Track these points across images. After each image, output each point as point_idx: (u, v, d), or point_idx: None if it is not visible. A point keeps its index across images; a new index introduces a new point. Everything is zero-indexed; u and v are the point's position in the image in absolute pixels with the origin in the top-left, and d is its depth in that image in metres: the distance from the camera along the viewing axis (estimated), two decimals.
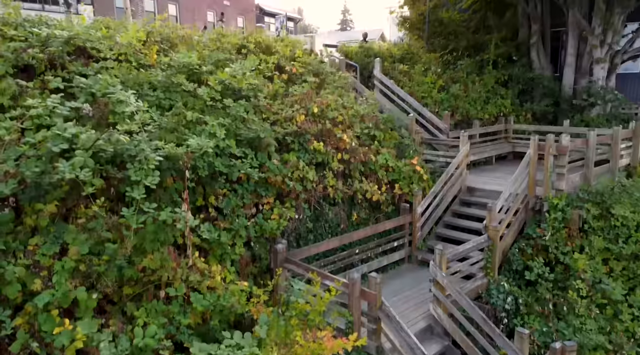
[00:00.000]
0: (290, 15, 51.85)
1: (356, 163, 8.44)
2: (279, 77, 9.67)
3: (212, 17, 38.30)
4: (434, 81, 13.17)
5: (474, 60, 14.28)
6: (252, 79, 7.94)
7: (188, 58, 7.39)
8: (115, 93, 5.67)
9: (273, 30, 46.74)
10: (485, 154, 12.16)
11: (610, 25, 12.87)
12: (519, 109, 13.90)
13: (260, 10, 45.25)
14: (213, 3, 37.91)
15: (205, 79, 7.60)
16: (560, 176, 8.58)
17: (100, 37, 6.63)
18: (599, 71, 13.51)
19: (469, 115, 12.98)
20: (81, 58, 6.86)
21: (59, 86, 5.70)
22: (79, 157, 4.64)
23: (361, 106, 9.38)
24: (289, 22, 50.60)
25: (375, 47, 13.92)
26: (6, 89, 5.54)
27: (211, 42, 8.83)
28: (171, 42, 8.82)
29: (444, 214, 9.41)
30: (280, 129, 7.90)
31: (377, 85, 12.78)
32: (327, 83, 9.97)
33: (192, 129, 6.59)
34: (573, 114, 13.78)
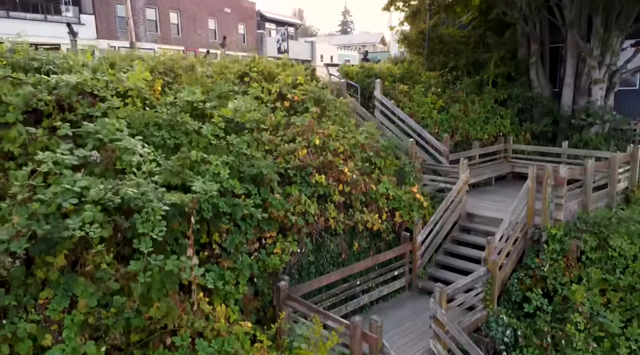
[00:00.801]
0: (290, 21, 52.06)
1: (357, 194, 8.57)
2: (281, 104, 9.83)
3: (213, 25, 38.53)
4: (434, 101, 13.30)
5: (473, 80, 14.40)
6: (255, 112, 8.08)
7: (192, 95, 7.53)
8: (122, 139, 5.81)
9: (274, 36, 46.94)
10: (485, 175, 12.28)
11: (608, 47, 12.99)
12: (518, 128, 14.02)
13: (260, 16, 45.45)
14: (214, 11, 38.11)
15: (209, 113, 7.74)
16: (558, 206, 8.70)
17: (107, 80, 6.75)
18: (597, 91, 13.63)
19: (468, 135, 13.12)
20: (88, 97, 6.99)
21: (67, 133, 5.82)
22: (88, 212, 4.77)
23: (362, 135, 9.50)
24: (290, 27, 50.78)
25: (375, 67, 14.05)
26: (16, 137, 5.67)
27: (215, 74, 8.94)
28: (175, 73, 8.96)
29: (443, 241, 9.54)
30: (283, 161, 8.04)
31: (378, 106, 12.92)
32: (328, 110, 10.09)
33: (197, 168, 6.72)
34: (572, 133, 13.90)
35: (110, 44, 30.46)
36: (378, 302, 8.52)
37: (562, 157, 12.71)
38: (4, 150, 5.71)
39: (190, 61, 9.17)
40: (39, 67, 7.04)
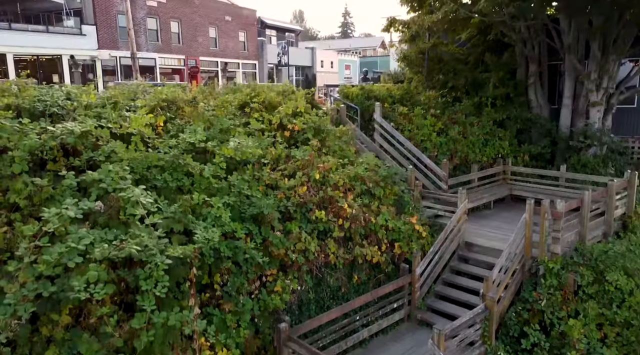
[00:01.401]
0: (291, 27, 52.19)
1: (357, 227, 8.67)
2: (282, 134, 9.95)
3: (213, 33, 38.62)
4: (433, 124, 13.41)
5: (472, 101, 14.50)
6: (255, 147, 8.19)
7: (193, 135, 7.64)
8: (125, 189, 5.92)
9: (274, 42, 47.07)
10: (484, 199, 12.38)
11: (605, 71, 13.10)
12: (516, 150, 14.12)
13: (261, 23, 45.55)
14: (215, 19, 38.20)
15: (211, 151, 7.85)
16: (555, 240, 8.80)
17: (111, 128, 6.85)
18: (595, 114, 13.74)
19: (467, 158, 13.22)
20: (92, 138, 7.10)
21: (72, 183, 5.92)
22: (92, 271, 4.87)
23: (361, 166, 9.60)
24: (290, 33, 50.92)
25: (375, 89, 14.15)
26: (22, 189, 5.78)
27: (217, 108, 9.04)
28: (177, 105, 9.08)
29: (442, 271, 9.63)
30: (283, 196, 8.14)
31: (378, 129, 13.05)
32: (328, 140, 10.20)
33: (199, 210, 6.83)
34: (570, 154, 14.00)
35: (111, 53, 30.66)
36: (377, 335, 8.62)
37: (560, 180, 12.81)
38: (10, 202, 5.83)
39: (192, 95, 9.25)
40: (43, 110, 7.17)
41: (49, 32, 28.27)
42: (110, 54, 30.49)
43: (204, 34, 37.05)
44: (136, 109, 8.03)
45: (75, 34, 29.29)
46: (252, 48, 42.23)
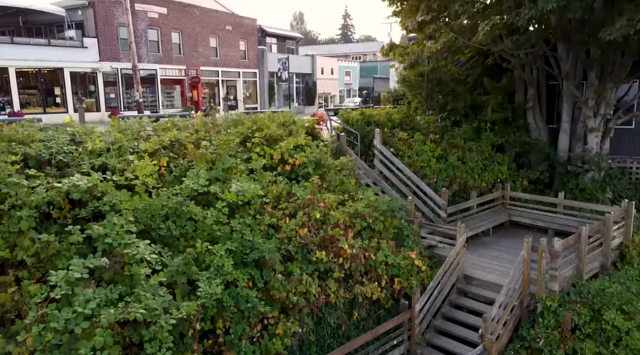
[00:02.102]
0: (291, 34, 52.32)
1: (357, 265, 8.79)
2: (283, 168, 10.09)
3: (214, 43, 38.75)
4: (432, 150, 13.53)
5: (471, 126, 14.62)
6: (256, 187, 8.32)
7: (196, 180, 7.77)
8: (130, 245, 6.05)
9: (274, 51, 47.22)
10: (483, 227, 12.50)
11: (603, 98, 13.21)
12: (515, 174, 14.24)
13: (261, 31, 45.69)
14: (216, 29, 38.35)
15: (213, 193, 7.98)
16: (553, 277, 8.91)
17: (116, 180, 6.97)
18: (593, 139, 13.86)
19: (466, 184, 13.34)
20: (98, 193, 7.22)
21: (78, 239, 6.05)
22: (99, 337, 5.00)
23: (361, 202, 9.72)
24: (290, 41, 51.06)
25: (375, 113, 14.26)
26: (29, 247, 5.91)
27: (220, 147, 9.15)
28: (180, 143, 9.21)
29: (442, 305, 9.75)
30: (284, 237, 8.26)
31: (378, 155, 13.18)
32: (329, 174, 10.32)
33: (202, 259, 6.96)
34: (568, 178, 14.11)
35: (112, 65, 30.78)
36: None
37: (559, 207, 12.92)
38: (17, 259, 5.95)
39: (195, 128, 9.37)
40: (49, 159, 7.30)
41: (50, 45, 28.42)
42: (112, 66, 30.63)
43: (204, 44, 37.20)
44: (140, 152, 8.16)
45: (77, 46, 29.42)
46: (252, 57, 42.38)
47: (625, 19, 9.39)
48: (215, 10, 38.58)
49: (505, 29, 11.36)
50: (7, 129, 7.83)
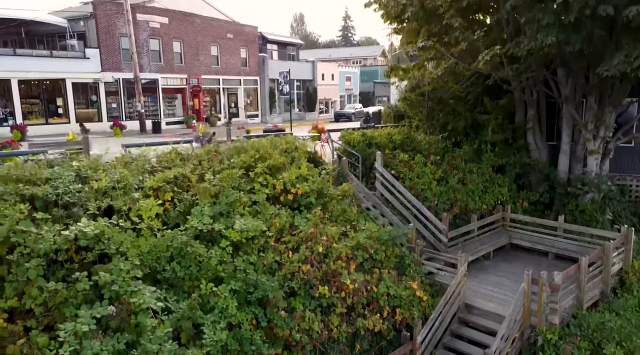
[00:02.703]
0: (291, 41, 52.45)
1: (359, 298, 8.89)
2: (285, 197, 10.19)
3: (215, 51, 38.85)
4: (433, 172, 13.63)
5: (472, 148, 14.71)
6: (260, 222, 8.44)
7: (200, 218, 7.87)
8: (136, 293, 6.15)
9: (275, 57, 47.37)
10: (483, 251, 12.59)
11: (602, 122, 13.30)
12: (515, 196, 14.34)
13: (262, 38, 45.82)
14: (217, 37, 38.46)
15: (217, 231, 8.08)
16: (553, 310, 9.01)
17: (123, 225, 7.07)
18: (592, 161, 13.95)
19: (467, 207, 13.44)
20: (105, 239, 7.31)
21: (85, 288, 6.15)
22: None
23: (363, 233, 9.82)
24: (290, 47, 51.19)
25: (376, 135, 14.35)
26: (37, 296, 6.01)
27: (223, 180, 9.25)
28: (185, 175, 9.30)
29: (443, 335, 9.84)
30: (287, 273, 8.37)
31: (379, 178, 13.29)
32: (330, 204, 10.42)
33: (206, 300, 7.07)
34: (568, 200, 14.19)
35: (114, 76, 30.91)
36: None
37: (559, 230, 13.02)
38: (26, 307, 6.06)
39: (199, 170, 9.46)
40: (56, 200, 7.40)
41: (52, 56, 28.56)
42: (113, 77, 30.76)
43: (205, 52, 37.32)
44: (145, 188, 8.27)
45: (79, 57, 29.56)
46: (253, 64, 42.52)
47: (622, 55, 9.49)
48: (216, 19, 38.72)
49: (505, 56, 11.46)
50: (15, 167, 7.93)
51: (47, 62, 27.91)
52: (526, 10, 10.11)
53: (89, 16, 30.04)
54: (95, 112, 30.74)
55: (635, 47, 9.49)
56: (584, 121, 13.53)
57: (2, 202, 7.02)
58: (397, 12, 12.75)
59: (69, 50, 29.77)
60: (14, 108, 27.05)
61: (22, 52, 27.48)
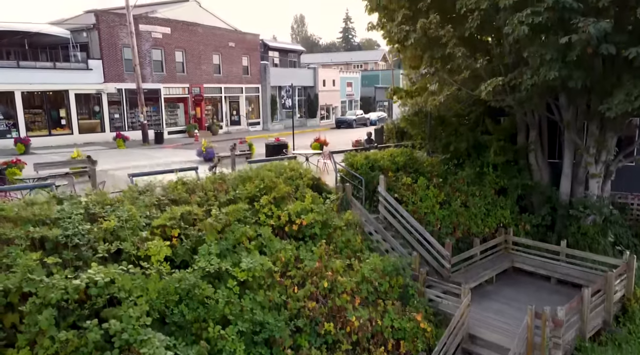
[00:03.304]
0: (293, 48, 52.58)
1: (364, 333, 8.99)
2: (290, 228, 10.30)
3: (217, 59, 38.97)
4: (436, 195, 13.72)
5: (474, 170, 14.79)
6: (267, 262, 8.54)
7: (207, 258, 7.98)
8: (146, 343, 6.26)
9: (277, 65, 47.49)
10: (486, 276, 12.69)
11: (603, 146, 13.39)
12: (517, 218, 14.43)
13: (264, 46, 45.96)
14: (219, 46, 38.58)
15: (225, 270, 8.18)
16: (556, 345, 9.11)
17: (133, 272, 7.16)
18: (594, 185, 14.04)
19: (470, 231, 13.53)
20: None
21: (96, 337, 6.25)
22: None
23: (367, 266, 9.92)
24: (292, 54, 51.31)
25: (379, 158, 14.45)
26: (49, 346, 6.11)
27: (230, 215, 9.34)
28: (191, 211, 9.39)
29: None
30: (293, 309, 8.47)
31: (382, 202, 13.41)
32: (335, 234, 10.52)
33: (214, 343, 7.18)
34: (570, 222, 14.28)
35: (117, 86, 31.03)
36: None
37: (561, 254, 13.11)
38: None
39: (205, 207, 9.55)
40: (65, 242, 7.50)
41: (56, 68, 28.69)
42: (116, 87, 30.88)
43: (207, 61, 37.45)
44: (153, 228, 8.37)
45: (82, 69, 29.70)
46: (255, 72, 42.65)
47: (623, 94, 9.59)
48: (218, 28, 38.85)
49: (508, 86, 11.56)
50: (24, 207, 8.03)
51: (50, 74, 28.05)
52: (529, 44, 10.22)
53: (91, 27, 30.17)
54: (98, 122, 30.86)
55: (636, 85, 9.59)
56: (585, 146, 13.62)
57: (14, 246, 7.14)
58: (400, 38, 12.85)
59: (72, 61, 29.90)
60: (17, 120, 27.17)
61: (25, 64, 27.62)
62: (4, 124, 27.06)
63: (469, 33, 11.18)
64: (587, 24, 8.60)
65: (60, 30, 29.56)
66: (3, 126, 27.04)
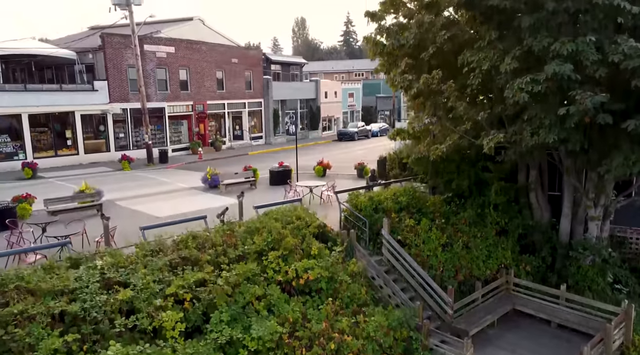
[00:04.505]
0: (295, 61, 52.87)
1: None
2: (297, 282, 10.62)
3: (220, 75, 39.33)
4: (438, 237, 14.02)
5: (476, 211, 15.09)
6: (275, 326, 8.86)
7: (219, 326, 8.30)
8: None
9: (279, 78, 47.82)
10: (487, 321, 12.94)
11: (602, 191, 13.67)
12: (518, 258, 14.72)
13: (266, 59, 46.30)
14: (221, 63, 38.92)
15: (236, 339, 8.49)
16: None
17: (150, 352, 7.48)
18: (593, 227, 14.33)
19: (471, 273, 13.84)
20: None
21: None
22: None
23: (372, 323, 10.23)
24: (294, 66, 51.63)
25: (382, 199, 14.75)
26: None
27: (239, 276, 9.66)
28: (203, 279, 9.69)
29: None
30: None
31: (385, 245, 13.71)
32: (341, 288, 10.84)
33: None
34: (570, 262, 14.56)
35: (122, 106, 31.38)
36: None
37: (561, 298, 13.39)
38: None
39: (215, 272, 9.82)
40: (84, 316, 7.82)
41: (62, 90, 29.05)
42: (121, 107, 31.23)
43: (211, 78, 37.80)
44: (167, 297, 8.69)
45: (88, 90, 30.05)
46: (257, 86, 42.99)
47: (621, 158, 9.91)
48: (221, 45, 39.20)
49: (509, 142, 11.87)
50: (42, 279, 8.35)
51: (56, 96, 28.40)
52: (529, 107, 10.50)
53: (97, 49, 30.53)
54: (103, 142, 31.23)
55: (633, 150, 9.89)
56: (585, 189, 13.91)
57: (35, 323, 7.47)
58: (404, 86, 13.16)
59: (78, 82, 30.28)
60: (24, 142, 27.54)
61: (32, 87, 28.00)
62: (11, 145, 27.43)
63: (470, 90, 11.48)
64: (584, 98, 8.91)
65: (67, 52, 29.93)
66: (10, 148, 27.41)
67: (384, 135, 54.20)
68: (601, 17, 9.33)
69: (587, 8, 9.07)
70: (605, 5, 8.70)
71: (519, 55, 10.01)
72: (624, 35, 9.32)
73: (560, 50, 9.16)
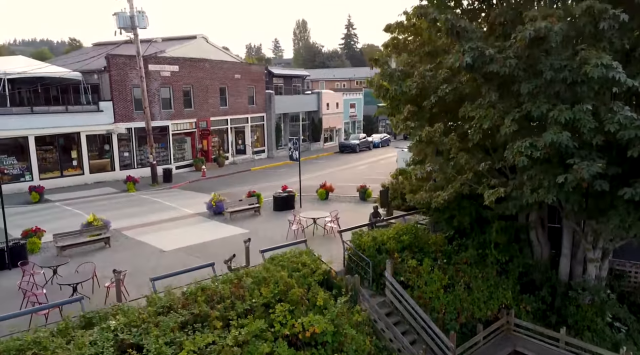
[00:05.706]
0: (298, 73, 53.22)
1: None
2: (303, 335, 10.93)
3: (224, 92, 39.60)
4: (440, 278, 14.33)
5: (476, 252, 15.39)
6: None
7: None
8: None
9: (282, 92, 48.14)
10: None
11: (600, 234, 13.96)
12: (519, 298, 15.02)
13: (269, 73, 46.64)
14: (225, 79, 39.25)
15: None
16: None
17: None
18: (592, 269, 14.62)
19: (473, 315, 14.14)
20: None
21: None
22: None
23: None
24: (296, 79, 51.96)
25: (385, 239, 15.06)
26: None
27: (248, 334, 9.98)
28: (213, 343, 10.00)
29: None
30: None
31: (388, 286, 14.02)
32: (346, 341, 11.16)
33: None
34: (569, 301, 14.86)
35: (126, 126, 31.73)
36: None
37: (560, 342, 13.69)
38: None
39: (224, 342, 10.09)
40: None
41: (68, 112, 29.41)
42: (126, 127, 31.58)
43: (214, 94, 38.13)
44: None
45: (93, 111, 30.41)
46: (260, 101, 43.33)
47: (618, 219, 10.22)
48: (224, 61, 39.53)
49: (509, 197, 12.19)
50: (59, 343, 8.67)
51: (62, 117, 28.77)
52: (528, 168, 10.80)
53: (102, 70, 30.89)
54: (108, 161, 31.58)
55: (629, 212, 10.20)
56: (583, 232, 14.21)
57: None
58: (406, 133, 13.47)
59: (84, 103, 30.63)
60: (30, 163, 27.90)
61: (38, 109, 28.36)
62: (18, 167, 27.80)
63: (472, 144, 11.80)
64: (581, 168, 9.22)
65: (73, 74, 30.26)
66: (17, 170, 27.78)
67: (385, 145, 54.65)
68: (597, 88, 9.65)
69: (584, 79, 9.39)
70: (600, 79, 9.02)
71: (518, 118, 10.34)
72: (619, 102, 9.63)
73: (558, 118, 9.48)
